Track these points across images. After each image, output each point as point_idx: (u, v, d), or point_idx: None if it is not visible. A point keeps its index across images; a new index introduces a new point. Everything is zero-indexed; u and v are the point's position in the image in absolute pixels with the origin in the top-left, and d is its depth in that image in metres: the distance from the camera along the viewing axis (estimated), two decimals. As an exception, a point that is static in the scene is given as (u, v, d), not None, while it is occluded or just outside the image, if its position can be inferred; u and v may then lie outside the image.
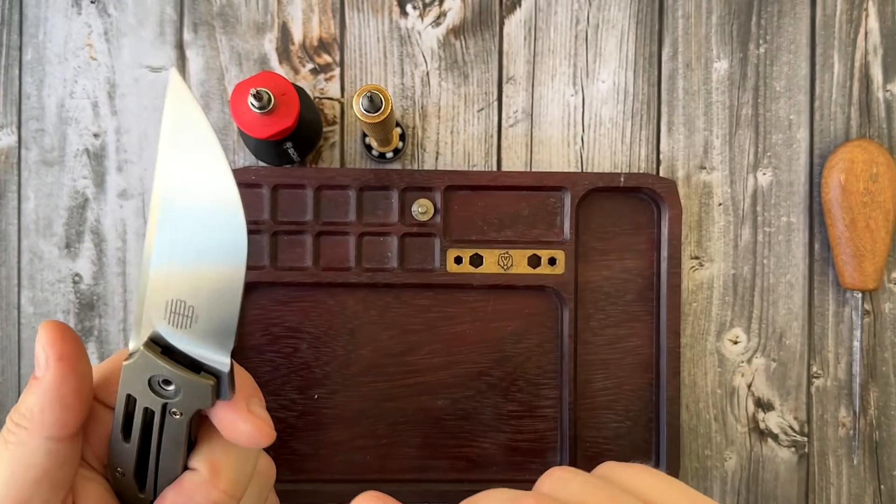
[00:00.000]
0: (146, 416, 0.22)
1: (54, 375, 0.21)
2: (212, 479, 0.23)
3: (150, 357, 0.21)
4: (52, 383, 0.21)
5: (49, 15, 0.43)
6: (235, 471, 0.24)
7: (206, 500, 0.23)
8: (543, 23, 0.43)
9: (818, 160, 0.43)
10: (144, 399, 0.22)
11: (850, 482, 0.43)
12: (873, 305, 0.43)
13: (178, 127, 0.20)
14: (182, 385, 0.21)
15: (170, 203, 0.20)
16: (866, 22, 0.44)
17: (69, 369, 0.21)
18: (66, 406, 0.21)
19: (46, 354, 0.21)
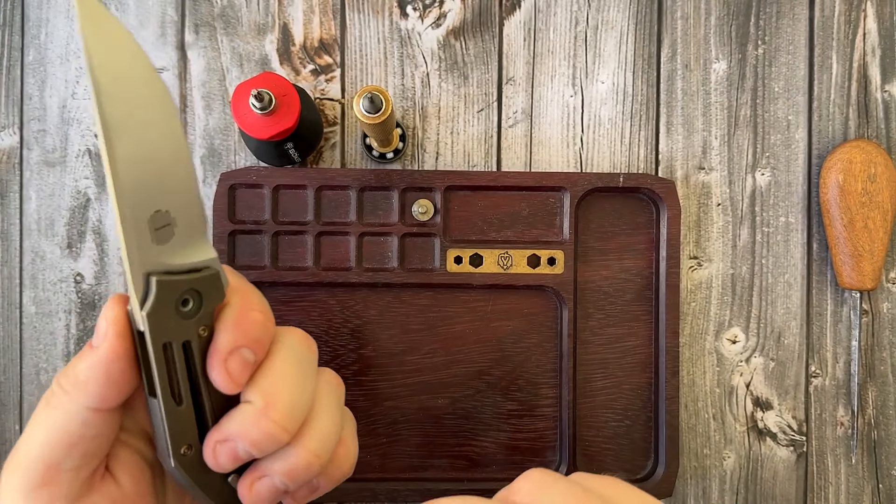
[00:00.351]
0: (188, 354, 0.22)
1: (109, 349, 0.21)
2: (265, 409, 0.22)
3: (165, 282, 0.21)
4: (104, 357, 0.21)
5: (51, 16, 0.43)
6: (289, 401, 0.23)
7: (259, 431, 0.22)
8: (543, 24, 0.44)
9: (816, 160, 0.44)
10: (178, 334, 0.22)
11: (849, 481, 0.43)
12: (871, 305, 0.44)
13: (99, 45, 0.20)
14: (200, 289, 0.22)
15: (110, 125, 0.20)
16: (864, 23, 0.44)
17: (124, 347, 0.21)
18: (111, 382, 0.21)
19: (107, 326, 0.21)
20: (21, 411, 0.43)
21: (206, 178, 0.43)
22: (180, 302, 0.21)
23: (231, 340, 0.22)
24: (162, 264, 0.21)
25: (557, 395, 0.42)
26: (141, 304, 0.21)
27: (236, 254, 0.41)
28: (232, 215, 0.41)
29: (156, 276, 0.21)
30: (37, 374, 0.43)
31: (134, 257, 0.21)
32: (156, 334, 0.21)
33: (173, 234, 0.21)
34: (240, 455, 0.23)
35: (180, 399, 0.22)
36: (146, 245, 0.21)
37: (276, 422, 0.22)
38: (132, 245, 0.21)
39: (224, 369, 0.22)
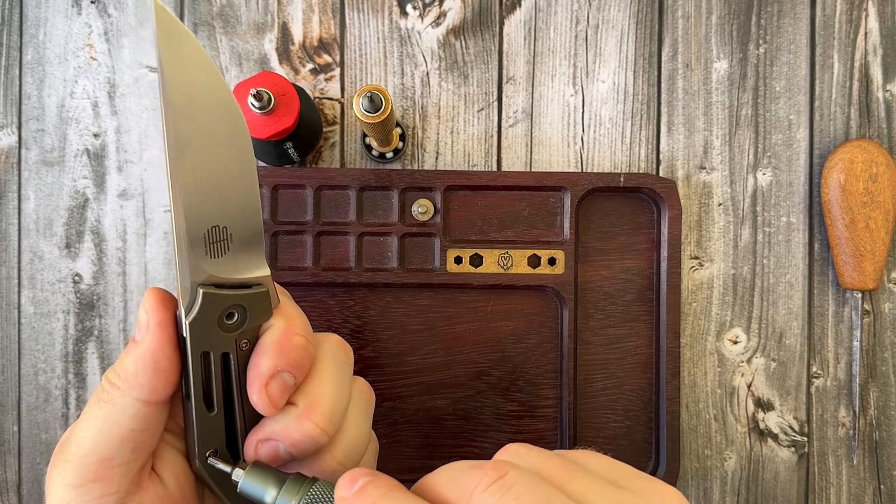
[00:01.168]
0: (226, 364, 0.22)
1: (153, 340, 0.22)
2: (307, 411, 0.24)
3: (212, 295, 0.21)
4: (149, 347, 0.22)
5: (49, 15, 0.43)
6: (330, 405, 0.24)
7: (300, 432, 0.23)
8: (543, 23, 0.44)
9: (818, 160, 0.44)
10: (219, 345, 0.22)
11: (850, 482, 0.43)
12: (873, 305, 0.43)
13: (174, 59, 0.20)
14: (247, 305, 0.22)
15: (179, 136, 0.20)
16: (866, 22, 0.44)
17: (167, 336, 0.22)
18: (159, 371, 0.22)
19: (148, 319, 0.22)
20: (19, 411, 0.43)
21: (205, 177, 0.43)
22: (225, 315, 0.22)
23: (273, 365, 0.23)
24: (213, 277, 0.22)
25: (558, 396, 0.42)
26: (186, 312, 0.22)
27: (235, 254, 0.41)
28: (231, 215, 0.41)
29: (204, 287, 0.21)
30: (35, 374, 0.43)
31: (184, 267, 0.21)
32: (196, 342, 0.22)
33: (228, 249, 0.22)
34: (280, 454, 0.24)
35: (213, 406, 0.23)
36: (199, 257, 0.21)
37: (317, 424, 0.24)
38: (184, 255, 0.21)
39: (264, 392, 0.23)
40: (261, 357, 0.23)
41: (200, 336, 0.22)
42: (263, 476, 0.23)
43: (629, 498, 0.19)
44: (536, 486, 0.19)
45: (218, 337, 0.22)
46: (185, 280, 0.21)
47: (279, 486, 0.23)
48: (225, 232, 0.22)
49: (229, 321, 0.22)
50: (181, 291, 0.22)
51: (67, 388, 0.43)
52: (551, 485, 0.19)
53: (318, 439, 0.24)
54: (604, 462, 0.21)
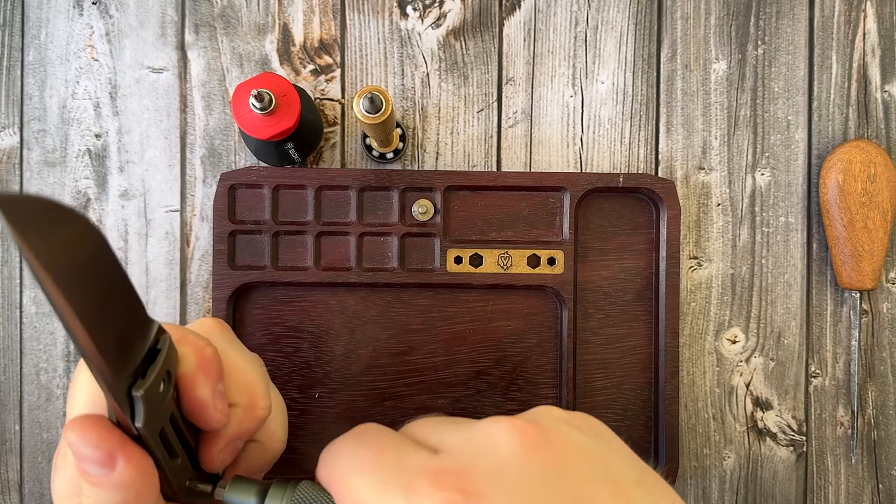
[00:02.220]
0: (175, 424, 0.22)
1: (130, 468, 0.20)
2: (250, 404, 0.24)
3: (148, 391, 0.20)
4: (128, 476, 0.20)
5: (51, 16, 0.43)
6: (260, 384, 0.25)
7: (254, 423, 0.24)
8: (543, 24, 0.44)
9: (816, 161, 0.44)
10: (165, 414, 0.22)
11: (849, 481, 0.43)
12: (871, 305, 0.44)
13: None
14: (169, 367, 0.21)
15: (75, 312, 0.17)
16: (864, 23, 0.44)
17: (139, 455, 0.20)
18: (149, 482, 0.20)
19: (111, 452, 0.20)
20: (21, 411, 0.43)
21: (206, 178, 0.43)
22: (158, 392, 0.21)
23: (209, 389, 0.23)
24: (131, 370, 0.20)
25: (557, 396, 0.42)
26: (132, 419, 0.20)
27: (236, 254, 0.41)
28: (232, 215, 0.41)
29: (138, 390, 0.19)
30: (37, 374, 0.43)
31: (117, 389, 0.19)
32: (153, 434, 0.21)
33: (130, 336, 0.20)
34: (238, 448, 0.25)
35: (176, 455, 0.22)
36: (121, 370, 0.19)
37: (263, 408, 0.25)
38: (112, 383, 0.19)
39: (217, 413, 0.23)
40: (196, 390, 0.22)
41: (152, 427, 0.20)
42: (245, 487, 0.24)
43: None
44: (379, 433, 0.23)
45: (162, 409, 0.21)
46: (119, 396, 0.19)
47: (263, 494, 0.23)
48: (128, 332, 0.19)
49: (161, 392, 0.21)
50: (117, 407, 0.19)
51: (69, 387, 0.43)
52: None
53: (266, 417, 0.25)
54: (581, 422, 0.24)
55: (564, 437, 0.20)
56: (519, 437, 0.20)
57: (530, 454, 0.20)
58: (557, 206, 0.42)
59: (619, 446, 0.22)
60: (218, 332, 0.27)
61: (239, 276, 0.41)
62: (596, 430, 0.22)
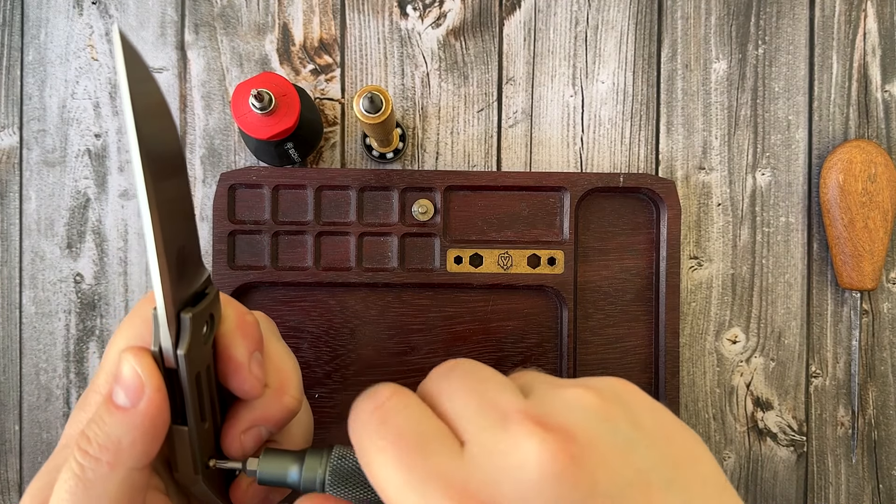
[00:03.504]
0: (209, 379, 0.22)
1: (150, 408, 0.20)
2: (280, 388, 0.24)
3: (195, 317, 0.20)
4: (146, 415, 0.20)
5: (50, 16, 0.43)
6: (294, 375, 0.25)
7: (280, 409, 0.24)
8: (543, 24, 0.44)
9: (817, 160, 0.44)
10: (204, 361, 0.21)
11: (849, 481, 0.43)
12: (871, 305, 0.44)
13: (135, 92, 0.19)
14: (213, 311, 0.22)
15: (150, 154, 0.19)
16: (865, 23, 0.44)
17: (163, 400, 0.21)
18: (157, 437, 0.21)
19: (142, 382, 0.20)
20: (21, 411, 0.43)
21: (206, 178, 0.43)
22: (201, 330, 0.21)
23: (246, 351, 0.23)
24: (183, 297, 0.21)
25: (557, 396, 0.42)
26: (175, 344, 0.20)
27: (236, 254, 0.41)
28: (232, 215, 0.41)
29: (186, 313, 0.20)
30: (36, 374, 0.43)
31: (169, 300, 0.20)
32: (191, 369, 0.21)
33: (185, 265, 0.21)
34: (262, 437, 0.24)
35: (205, 419, 0.22)
36: (175, 283, 0.20)
37: (293, 397, 0.24)
38: (167, 289, 0.20)
39: (252, 377, 0.23)
40: (234, 349, 0.23)
41: (192, 361, 0.21)
42: (279, 458, 0.23)
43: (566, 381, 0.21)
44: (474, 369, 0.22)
45: (202, 353, 0.21)
46: (170, 313, 0.20)
47: (300, 462, 0.22)
48: (185, 250, 0.21)
49: (203, 333, 0.21)
50: (167, 326, 0.20)
51: (69, 387, 0.43)
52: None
53: (295, 411, 0.24)
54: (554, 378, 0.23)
55: (593, 447, 0.19)
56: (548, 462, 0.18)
57: (558, 484, 0.18)
58: (557, 206, 0.42)
59: (651, 430, 0.21)
60: (265, 321, 0.27)
61: (239, 277, 0.41)
62: (630, 413, 0.21)
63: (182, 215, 0.21)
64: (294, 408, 0.24)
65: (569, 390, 0.20)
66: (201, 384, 0.22)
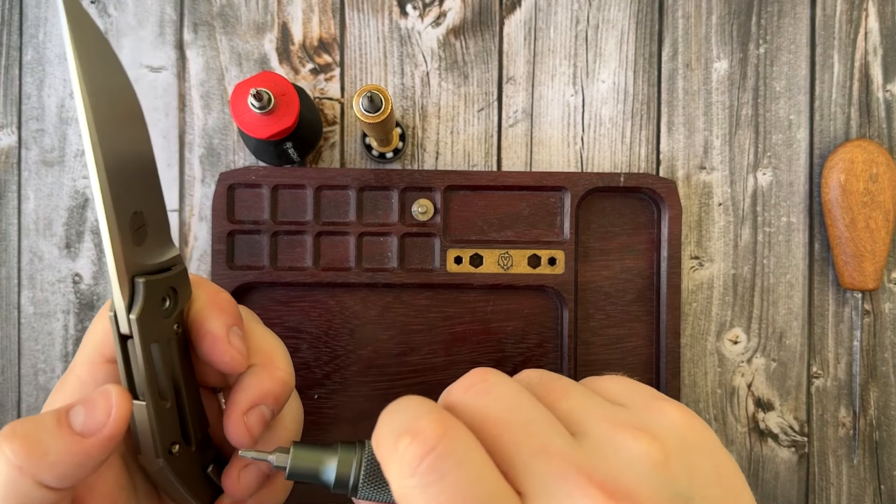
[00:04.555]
0: (170, 350, 0.22)
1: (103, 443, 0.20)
2: (268, 363, 0.24)
3: (151, 283, 0.21)
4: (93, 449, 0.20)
5: (49, 15, 0.43)
6: (280, 350, 0.25)
7: (275, 381, 0.24)
8: (543, 23, 0.44)
9: (818, 160, 0.44)
10: (162, 334, 0.21)
11: (850, 482, 0.43)
12: (873, 305, 0.43)
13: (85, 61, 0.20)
14: (177, 286, 0.22)
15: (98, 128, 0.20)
16: (866, 22, 0.44)
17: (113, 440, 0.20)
18: (89, 468, 0.20)
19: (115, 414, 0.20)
20: (19, 412, 0.43)
21: (204, 177, 0.43)
22: (160, 301, 0.21)
23: (222, 324, 0.23)
24: (142, 265, 0.21)
25: (558, 396, 0.42)
26: (128, 308, 0.21)
27: (235, 254, 0.41)
28: (231, 215, 0.41)
29: (140, 277, 0.21)
30: (35, 374, 0.43)
31: (120, 261, 0.20)
32: (144, 337, 0.21)
33: (146, 234, 0.21)
34: (266, 418, 0.24)
35: (165, 397, 0.22)
36: (128, 246, 0.20)
37: (284, 370, 0.24)
38: (118, 248, 0.20)
39: (231, 348, 0.23)
40: (208, 321, 0.23)
41: (146, 329, 0.21)
42: (310, 451, 0.22)
43: (622, 414, 0.19)
44: (516, 394, 0.19)
45: (159, 325, 0.21)
46: (122, 273, 0.20)
47: (335, 456, 0.21)
48: (142, 217, 0.21)
49: (164, 307, 0.22)
50: (119, 288, 0.20)
51: (67, 388, 0.43)
52: (536, 397, 0.19)
53: (290, 383, 0.24)
54: (620, 384, 0.21)
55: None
56: None
57: None
58: (558, 205, 0.42)
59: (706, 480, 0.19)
60: (244, 310, 0.27)
61: (238, 277, 0.41)
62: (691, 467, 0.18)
63: (140, 182, 0.21)
64: (288, 381, 0.24)
65: (631, 442, 0.18)
66: (161, 357, 0.21)
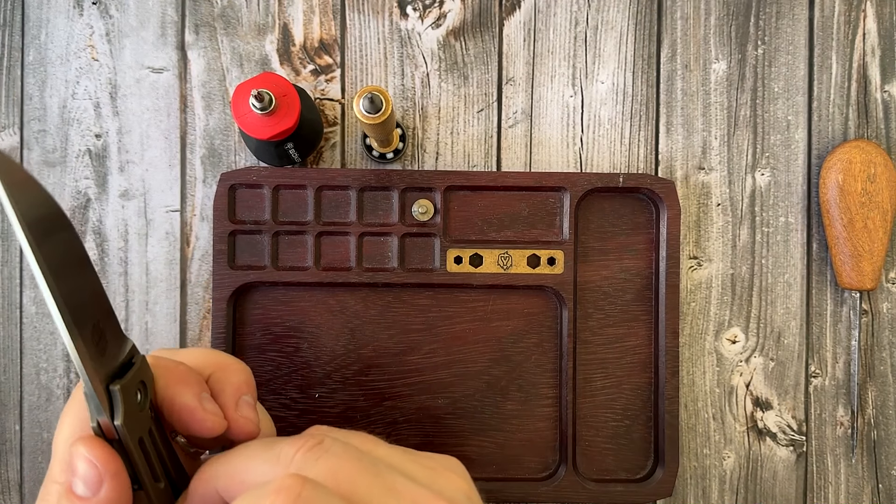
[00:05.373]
0: (154, 442, 0.23)
1: (112, 493, 0.21)
2: (225, 368, 0.27)
3: (124, 388, 0.22)
4: (110, 501, 0.21)
5: (51, 16, 0.43)
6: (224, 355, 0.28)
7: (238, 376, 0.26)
8: (543, 24, 0.44)
9: (816, 161, 0.44)
10: (143, 426, 0.23)
11: (849, 481, 0.43)
12: (871, 305, 0.44)
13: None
14: (143, 378, 0.23)
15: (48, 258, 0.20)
16: (864, 23, 0.44)
17: (122, 483, 0.21)
18: None
19: (99, 473, 0.21)
20: (21, 411, 0.43)
21: (206, 178, 0.43)
22: (135, 398, 0.23)
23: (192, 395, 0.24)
24: (109, 370, 0.22)
25: (557, 395, 0.42)
26: (111, 417, 0.22)
27: (236, 254, 0.41)
28: (232, 215, 0.41)
29: (115, 385, 0.22)
30: (37, 374, 0.43)
31: (94, 377, 0.21)
32: (132, 436, 0.22)
33: (106, 340, 0.22)
34: (251, 403, 0.26)
35: (159, 479, 0.23)
36: (97, 362, 0.21)
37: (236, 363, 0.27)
38: (89, 367, 0.21)
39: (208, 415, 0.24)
40: (178, 398, 0.24)
41: (131, 429, 0.22)
42: None
43: (422, 460, 0.24)
44: (349, 449, 0.22)
45: (139, 420, 0.23)
46: (98, 388, 0.21)
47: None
48: (99, 326, 0.22)
49: (138, 400, 0.23)
50: (98, 400, 0.21)
51: (69, 387, 0.43)
52: (361, 450, 0.22)
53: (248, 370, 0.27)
54: (388, 443, 0.25)
55: None
56: None
57: None
58: (557, 206, 0.42)
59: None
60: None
61: (239, 276, 0.41)
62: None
63: (90, 295, 0.22)
64: (244, 367, 0.27)
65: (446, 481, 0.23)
66: (147, 447, 0.23)
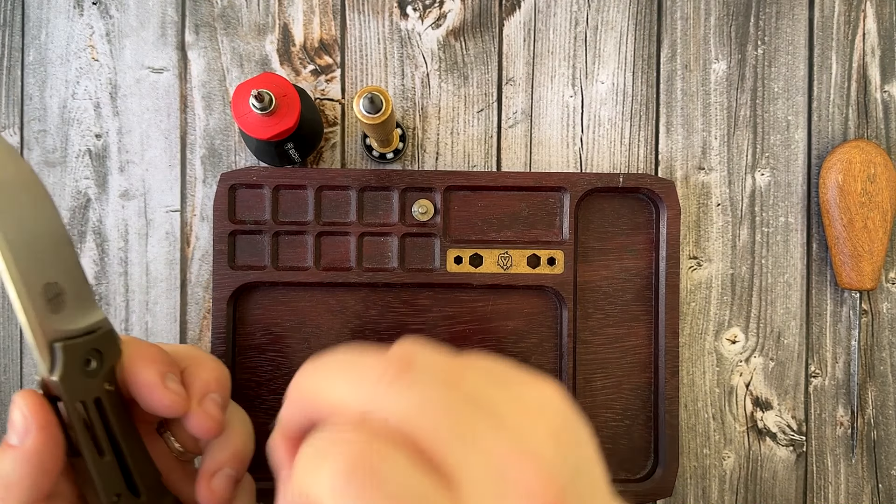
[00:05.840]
0: (101, 409, 0.23)
1: (36, 443, 0.22)
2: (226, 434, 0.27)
3: (70, 347, 0.22)
4: (33, 450, 0.22)
5: (51, 16, 0.43)
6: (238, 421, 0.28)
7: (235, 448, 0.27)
8: (543, 24, 0.44)
9: (816, 161, 0.44)
10: (89, 392, 0.23)
11: (849, 481, 0.43)
12: (871, 305, 0.44)
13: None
14: (101, 348, 0.23)
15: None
16: (864, 23, 0.44)
17: (50, 436, 0.22)
18: (45, 472, 0.22)
19: (27, 423, 0.22)
20: (21, 411, 0.43)
21: (206, 178, 0.43)
22: (84, 362, 0.23)
23: (154, 372, 0.25)
24: (61, 331, 0.23)
25: (557, 395, 0.42)
26: (50, 372, 0.22)
27: (236, 254, 0.41)
28: (232, 215, 0.41)
29: (59, 342, 0.22)
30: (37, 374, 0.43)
31: (36, 329, 0.22)
32: (70, 396, 0.23)
33: (65, 301, 0.23)
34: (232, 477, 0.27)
35: (103, 452, 0.24)
36: (44, 316, 0.22)
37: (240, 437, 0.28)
38: (32, 318, 0.22)
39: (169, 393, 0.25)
40: (138, 373, 0.25)
41: (71, 389, 0.23)
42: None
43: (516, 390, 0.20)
44: (438, 379, 0.18)
45: (86, 384, 0.23)
46: (40, 341, 0.22)
47: None
48: (57, 286, 0.23)
49: (89, 367, 0.23)
50: (40, 355, 0.22)
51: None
52: (448, 382, 0.18)
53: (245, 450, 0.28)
54: (487, 361, 0.21)
55: None
56: None
57: None
58: (557, 206, 0.42)
59: None
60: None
61: (239, 276, 0.41)
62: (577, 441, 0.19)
63: (52, 255, 0.23)
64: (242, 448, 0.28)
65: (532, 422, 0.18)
66: (91, 415, 0.23)
